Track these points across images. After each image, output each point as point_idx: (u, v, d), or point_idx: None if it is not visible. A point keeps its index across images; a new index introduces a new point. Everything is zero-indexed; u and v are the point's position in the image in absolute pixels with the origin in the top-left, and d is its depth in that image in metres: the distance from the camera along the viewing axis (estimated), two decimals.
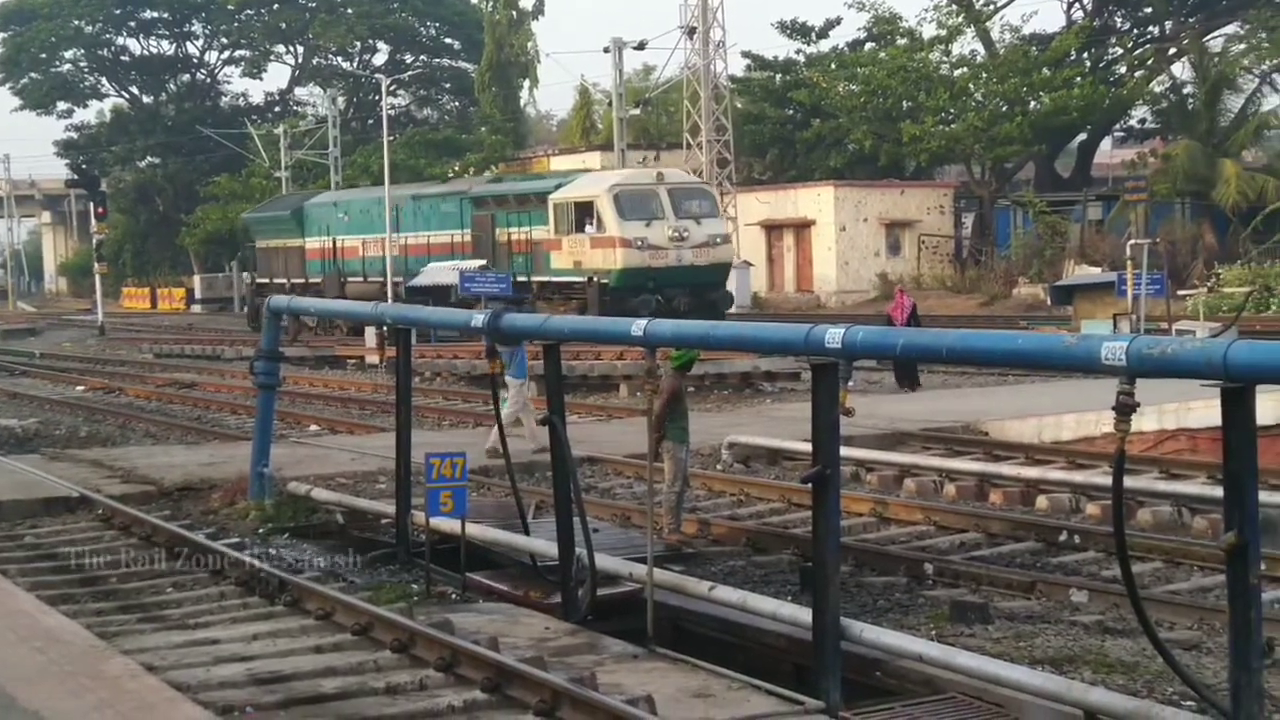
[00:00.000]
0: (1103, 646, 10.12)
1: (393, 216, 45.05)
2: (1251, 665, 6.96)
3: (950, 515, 15.07)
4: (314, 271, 49.82)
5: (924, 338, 8.80)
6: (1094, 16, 56.76)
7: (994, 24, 56.90)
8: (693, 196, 38.90)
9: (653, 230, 37.07)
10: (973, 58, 55.96)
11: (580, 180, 40.89)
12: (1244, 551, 6.94)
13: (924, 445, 19.41)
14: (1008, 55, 53.85)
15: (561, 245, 38.69)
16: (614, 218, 37.17)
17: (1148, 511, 15.12)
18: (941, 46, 55.04)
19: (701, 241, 37.66)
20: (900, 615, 11.14)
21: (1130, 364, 7.28)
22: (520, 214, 40.82)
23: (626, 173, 41.40)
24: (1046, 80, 51.65)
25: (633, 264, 36.81)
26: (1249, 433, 7.05)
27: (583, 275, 37.57)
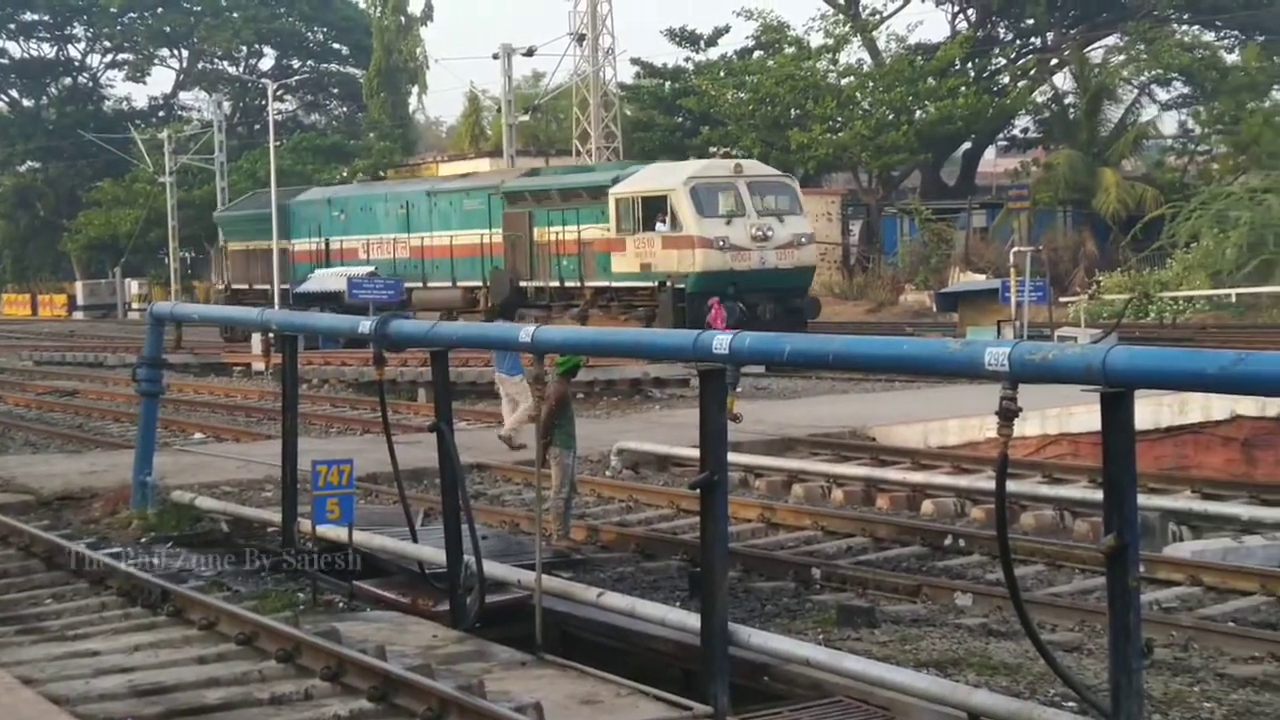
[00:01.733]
0: (987, 649, 10.23)
1: (402, 215, 42.07)
2: (1131, 666, 7.06)
3: (837, 520, 15.18)
4: (303, 275, 45.72)
5: (811, 344, 8.85)
6: (978, 27, 57.50)
7: (880, 34, 57.56)
8: (774, 191, 35.07)
9: (734, 229, 33.37)
10: (859, 67, 56.51)
11: (645, 173, 36.46)
12: (1123, 554, 7.04)
13: (812, 451, 19.54)
14: (894, 65, 54.42)
15: (625, 246, 34.58)
16: (692, 214, 33.24)
17: (1031, 515, 15.33)
18: (829, 55, 55.53)
19: (785, 241, 33.99)
20: (788, 620, 11.19)
21: (1012, 369, 7.36)
22: (566, 211, 36.75)
23: (701, 164, 36.65)
24: (932, 90, 52.25)
25: (713, 266, 33.03)
26: (1128, 437, 7.15)
27: (652, 279, 33.88)
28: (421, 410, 24.42)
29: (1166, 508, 14.71)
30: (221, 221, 52.71)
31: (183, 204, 67.13)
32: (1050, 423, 19.76)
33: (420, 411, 24.42)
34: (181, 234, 66.80)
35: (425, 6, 75.58)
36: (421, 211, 41.61)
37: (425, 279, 40.89)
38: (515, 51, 54.16)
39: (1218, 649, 10.09)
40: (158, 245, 72.52)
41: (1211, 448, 19.02)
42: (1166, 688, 9.23)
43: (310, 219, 45.99)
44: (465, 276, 39.83)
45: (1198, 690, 9.21)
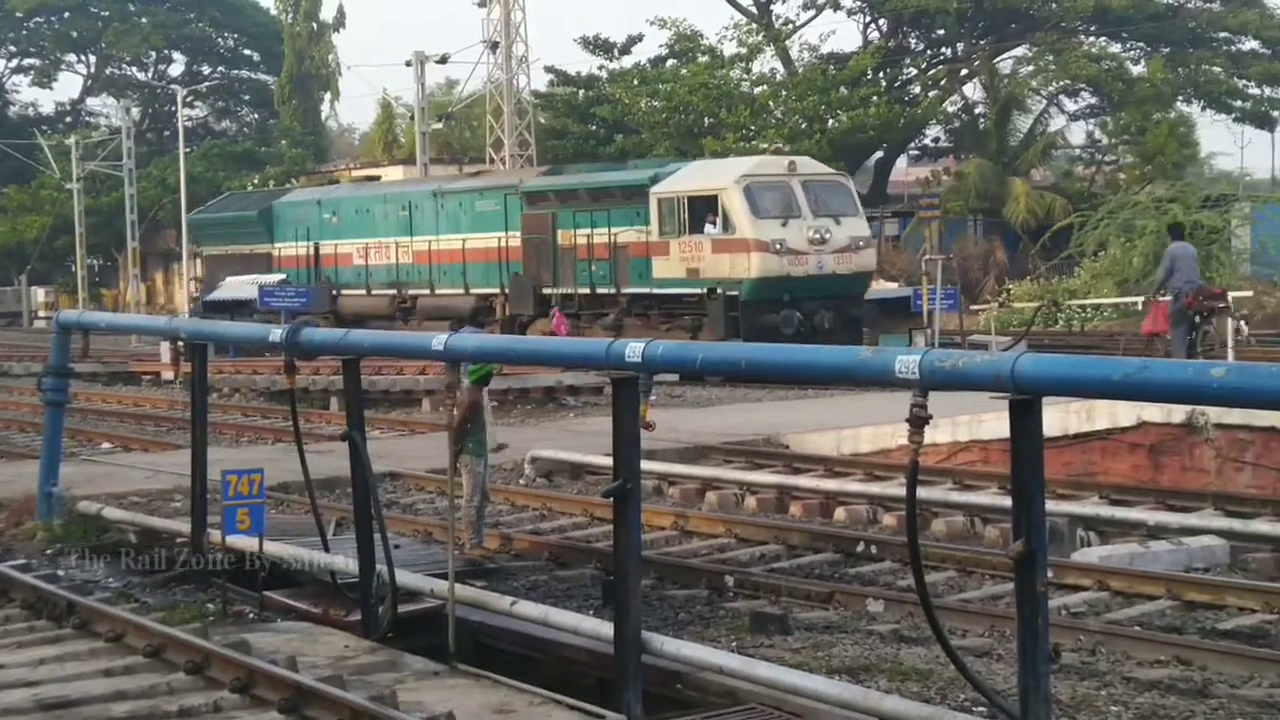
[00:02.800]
0: (898, 655, 10.30)
1: (404, 217, 39.35)
2: (1039, 670, 7.12)
3: (751, 528, 15.23)
4: None
5: (723, 352, 8.88)
6: (889, 37, 57.97)
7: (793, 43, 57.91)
8: (830, 190, 32.49)
9: (790, 231, 30.84)
10: (773, 76, 56.79)
11: (690, 170, 33.81)
12: (1032, 560, 7.10)
13: (725, 458, 19.59)
14: (806, 74, 54.76)
15: (669, 250, 31.86)
16: (747, 215, 30.59)
17: (942, 522, 15.46)
18: (742, 64, 55.76)
19: (843, 245, 31.39)
20: (701, 627, 11.21)
21: (923, 377, 7.41)
22: (596, 212, 33.90)
23: (753, 161, 33.84)
24: (844, 99, 52.62)
25: (770, 272, 30.62)
26: (1036, 444, 7.22)
27: (700, 286, 31.25)
28: (334, 419, 24.25)
29: (1075, 513, 14.86)
30: (196, 225, 50.02)
31: (90, 211, 66.30)
32: (961, 429, 19.93)
33: (333, 420, 24.25)
34: (89, 241, 65.98)
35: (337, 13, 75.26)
36: (427, 213, 38.94)
37: (433, 285, 38.42)
38: (428, 59, 53.96)
39: (1124, 653, 10.21)
40: (65, 253, 71.58)
41: (1118, 454, 19.26)
42: (1074, 691, 9.33)
43: (297, 221, 43.15)
44: (480, 283, 37.10)
45: (1105, 694, 9.32)
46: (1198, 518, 14.65)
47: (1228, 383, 6.31)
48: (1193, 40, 55.06)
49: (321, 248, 41.95)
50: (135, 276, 60.45)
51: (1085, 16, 53.40)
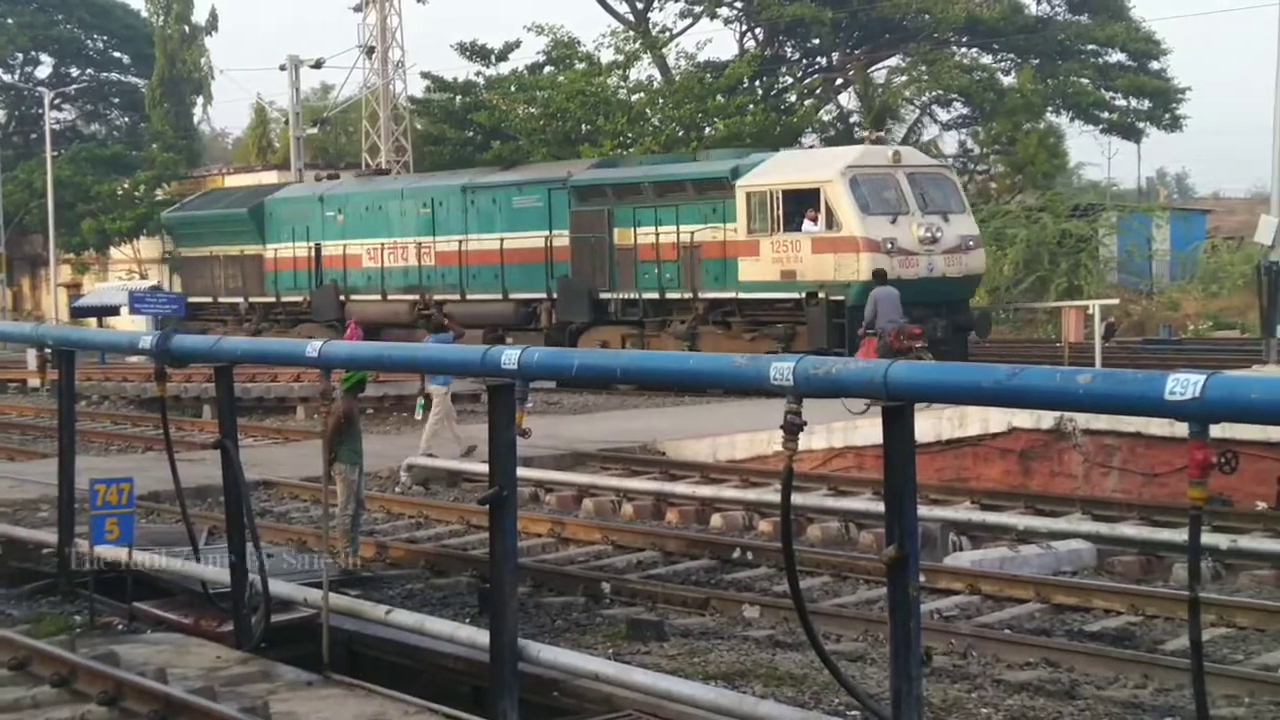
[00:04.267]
0: (773, 660, 10.36)
1: (426, 215, 35.71)
2: (911, 673, 7.20)
3: (628, 534, 15.26)
4: (285, 286, 39.10)
5: (599, 359, 8.89)
6: (765, 46, 58.33)
7: (670, 51, 58.01)
8: (936, 184, 29.50)
9: (899, 229, 27.80)
10: (650, 83, 56.90)
11: (781, 161, 30.45)
12: (904, 564, 7.18)
13: (602, 465, 19.62)
14: (683, 82, 54.91)
15: (759, 250, 28.55)
16: (854, 211, 27.52)
17: (817, 527, 15.59)
18: (619, 72, 55.80)
19: (953, 245, 28.43)
20: (578, 635, 11.21)
21: (797, 384, 7.46)
22: (662, 209, 30.47)
23: (856, 150, 30.09)
24: (721, 107, 52.82)
25: None
26: (908, 449, 7.30)
27: (797, 289, 27.99)
28: (207, 427, 23.94)
29: (947, 518, 15.07)
30: (172, 224, 45.56)
31: None
32: (836, 436, 20.11)
33: (205, 428, 23.94)
34: None
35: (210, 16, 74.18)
36: (453, 211, 35.13)
37: (464, 290, 34.48)
38: (303, 63, 53.49)
39: (995, 655, 10.36)
40: None
41: (990, 459, 19.53)
42: (946, 694, 9.45)
43: (294, 220, 39.26)
44: (520, 287, 33.31)
45: (976, 696, 9.44)
46: (1066, 522, 14.91)
47: (1093, 389, 6.42)
48: (1061, 52, 55.98)
49: (324, 248, 38.22)
50: (1, 282, 59.18)
51: (957, 28, 54.08)
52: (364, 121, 53.59)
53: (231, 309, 40.63)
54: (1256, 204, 58.83)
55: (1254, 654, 10.38)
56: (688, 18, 57.56)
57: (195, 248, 42.65)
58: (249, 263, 40.13)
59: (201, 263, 42.04)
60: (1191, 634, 6.19)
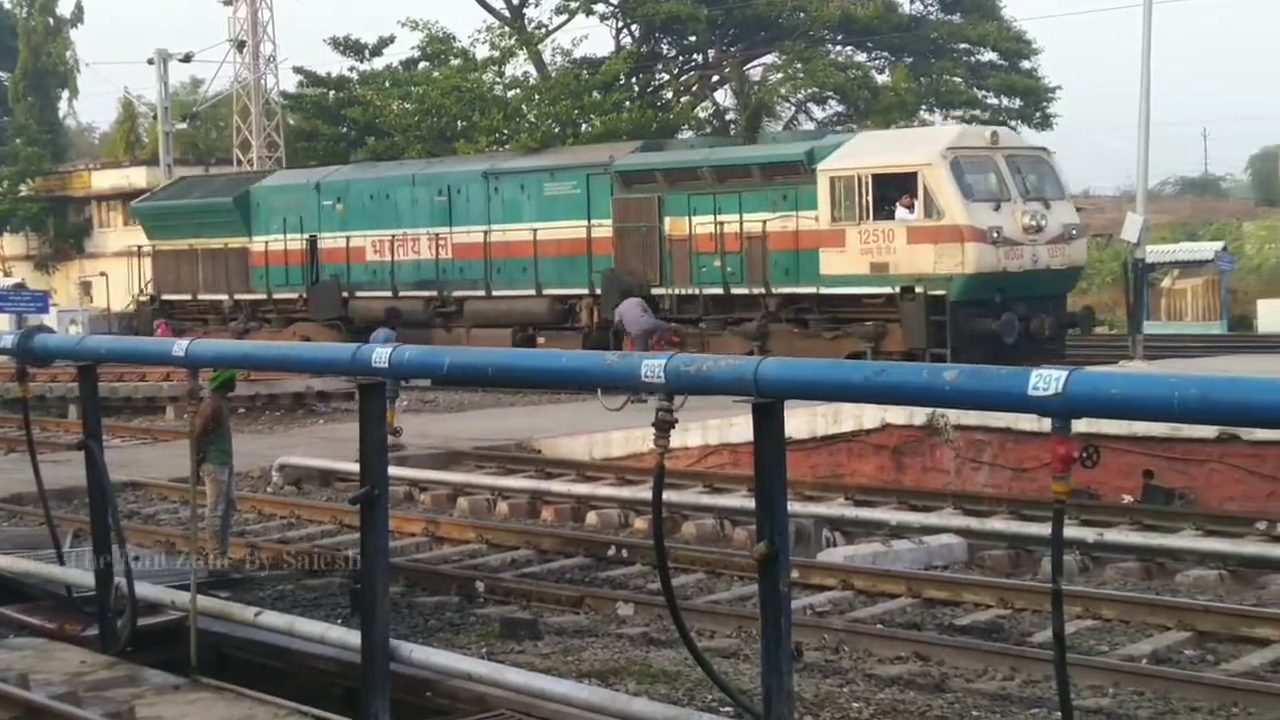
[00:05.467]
0: (648, 657, 10.37)
1: (443, 204, 32.82)
2: (782, 669, 7.22)
3: (502, 533, 15.22)
4: (277, 282, 36.05)
5: (471, 357, 8.83)
6: (641, 43, 58.39)
7: (546, 47, 57.86)
8: (1035, 168, 27.04)
9: (1002, 216, 25.51)
10: (526, 80, 56.75)
11: (865, 142, 27.93)
12: (774, 560, 7.19)
13: (478, 464, 19.56)
14: (559, 78, 54.82)
15: (844, 240, 26.13)
16: (957, 197, 25.21)
17: (692, 525, 15.65)
18: (495, 68, 55.60)
19: (1056, 234, 26.18)
20: (451, 634, 11.15)
21: (668, 381, 7.45)
22: (726, 195, 27.87)
23: (954, 131, 27.76)
24: (597, 104, 52.78)
25: (986, 267, 25.24)
26: (778, 446, 7.31)
27: (890, 284, 25.64)
28: (72, 427, 23.50)
29: (821, 514, 15.19)
30: (143, 214, 41.59)
31: None
32: (712, 433, 20.17)
33: (71, 429, 23.49)
34: None
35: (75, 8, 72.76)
36: (475, 199, 32.32)
37: (488, 285, 31.83)
38: (172, 57, 52.72)
39: (866, 650, 10.45)
40: None
41: (864, 455, 19.68)
42: (818, 689, 9.51)
43: (285, 210, 36.11)
44: (556, 282, 30.76)
45: (847, 690, 9.51)
46: (938, 517, 15.10)
47: (959, 385, 6.47)
48: (934, 51, 56.57)
49: (321, 241, 35.27)
50: None
51: (832, 26, 54.45)
52: (235, 117, 52.91)
53: (213, 307, 37.81)
54: (1125, 202, 59.87)
55: (1119, 645, 10.57)
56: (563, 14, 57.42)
57: (170, 240, 39.15)
58: (233, 256, 37.10)
59: (177, 256, 38.82)
60: (1055, 626, 6.26)
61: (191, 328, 36.60)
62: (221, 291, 37.29)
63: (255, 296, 36.72)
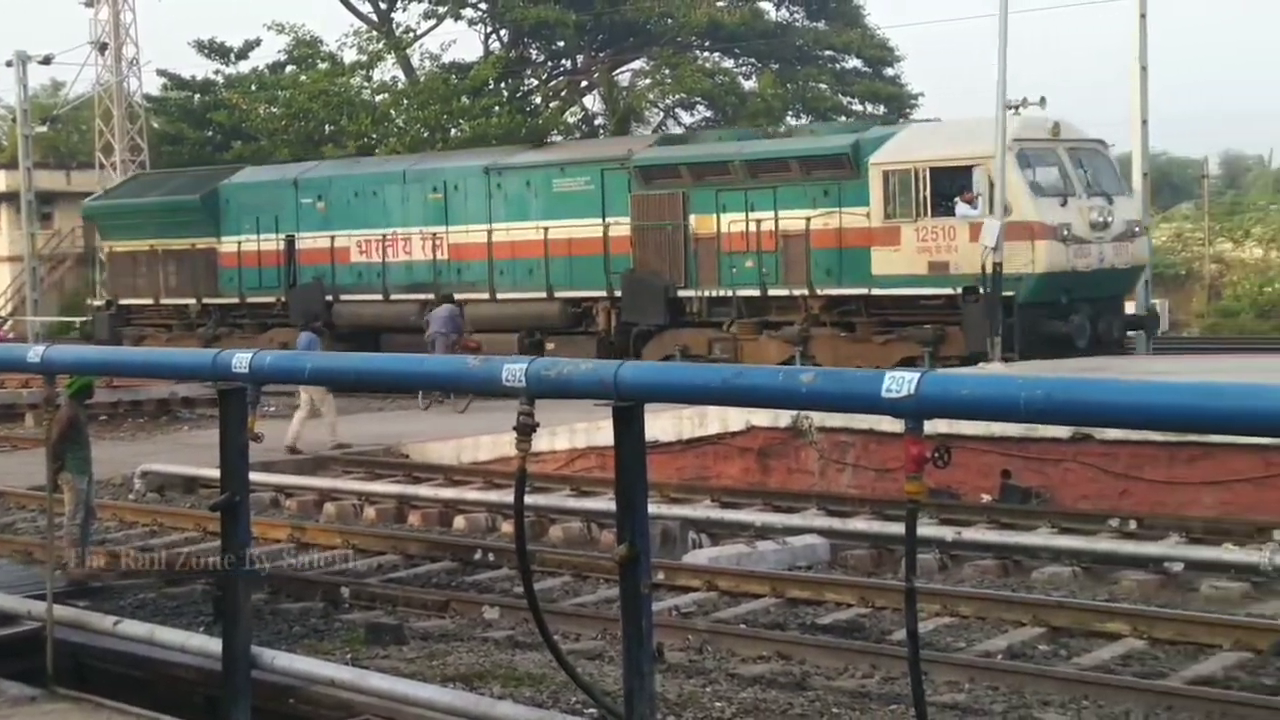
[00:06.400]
0: (513, 660, 10.40)
1: (438, 201, 31.10)
2: (644, 670, 7.28)
3: (369, 538, 15.16)
4: (250, 285, 33.92)
5: (332, 361, 8.81)
6: (510, 48, 58.35)
7: (414, 51, 57.65)
8: (1095, 161, 25.89)
9: (1070, 212, 24.39)
10: (394, 84, 56.48)
11: (922, 132, 26.62)
12: (635, 562, 7.25)
13: (345, 469, 19.47)
14: (428, 83, 54.63)
15: (899, 238, 24.76)
16: (1026, 192, 24.15)
17: (559, 528, 15.71)
18: (363, 72, 55.30)
19: (1121, 232, 25.11)
20: (316, 640, 11.10)
21: (529, 385, 7.49)
22: (759, 190, 26.42)
23: (1016, 121, 25.11)
24: (466, 108, 52.69)
25: (1057, 266, 24.16)
26: (639, 449, 7.37)
27: (950, 284, 24.34)
28: None
29: (687, 516, 15.33)
30: (98, 214, 39.31)
31: None
32: (579, 437, 20.24)
33: None
34: None
35: None
36: (474, 196, 30.53)
37: (493, 288, 30.06)
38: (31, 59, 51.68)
39: (730, 650, 10.56)
40: None
41: (729, 458, 19.87)
42: (682, 689, 9.60)
43: (259, 208, 33.99)
44: (568, 283, 29.15)
45: (710, 690, 9.61)
46: (801, 518, 15.29)
47: (815, 388, 6.58)
48: (800, 58, 57.15)
49: (300, 241, 33.23)
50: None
51: (699, 32, 54.81)
52: (97, 120, 52.05)
53: (178, 312, 35.73)
54: None
55: (975, 641, 10.78)
56: (432, 19, 57.27)
57: (128, 241, 36.79)
58: (200, 258, 34.94)
59: (136, 258, 36.45)
60: (908, 624, 6.37)
61: (154, 334, 35.02)
62: (187, 295, 35.21)
63: (226, 300, 34.65)
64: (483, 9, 56.96)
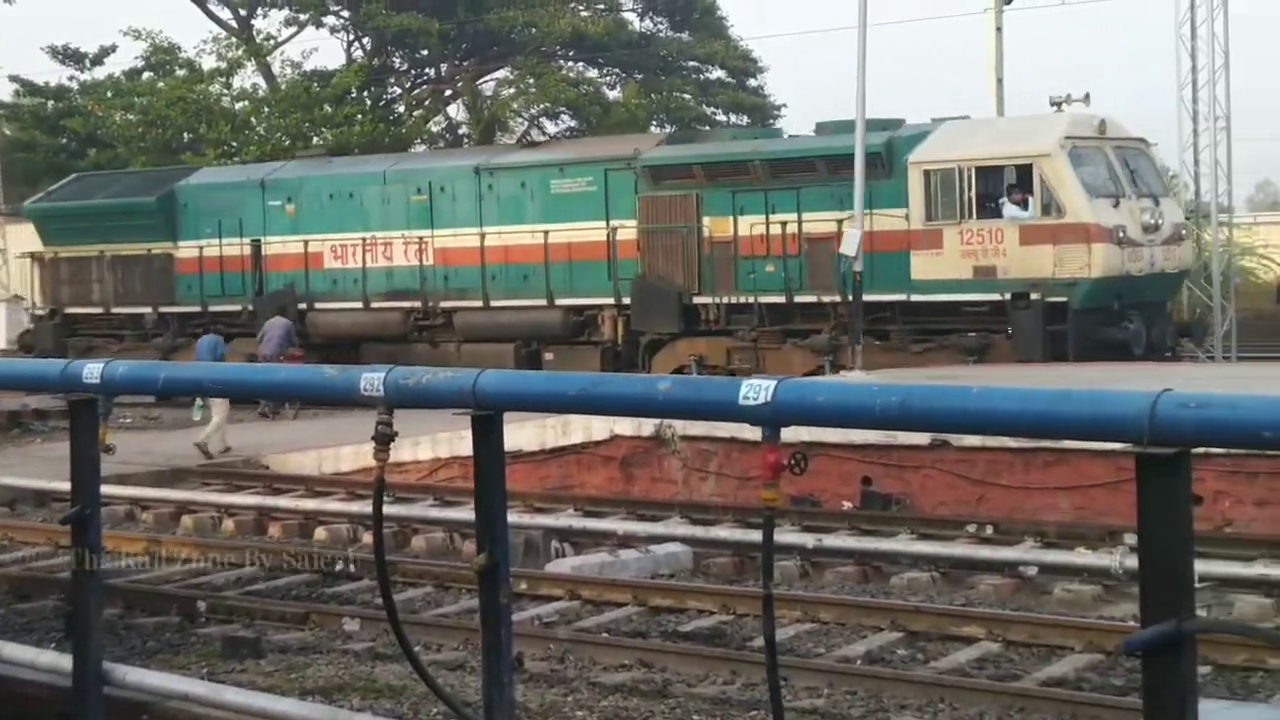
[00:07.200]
0: (373, 672, 10.31)
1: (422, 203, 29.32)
2: (503, 679, 7.25)
3: (227, 550, 14.96)
4: (211, 293, 31.82)
5: (186, 372, 8.68)
6: (373, 56, 57.96)
7: (275, 59, 57.05)
8: (1140, 161, 24.85)
9: (1122, 214, 23.35)
10: (255, 91, 55.85)
11: (962, 131, 24.96)
12: (494, 572, 7.23)
13: (203, 481, 19.23)
14: (289, 90, 54.10)
15: (942, 241, 23.57)
16: (1081, 192, 22.98)
17: (422, 538, 15.64)
18: (222, 79, 54.62)
19: (1169, 235, 24.21)
20: (171, 655, 10.93)
21: (387, 394, 7.43)
22: (780, 191, 25.16)
23: (1065, 118, 24.46)
24: (328, 116, 52.27)
25: (1113, 270, 23.00)
26: (498, 458, 7.35)
27: (998, 290, 23.19)
28: None
29: (550, 526, 15.32)
30: (39, 216, 36.05)
31: None
32: (442, 446, 20.14)
33: None
34: None
35: None
36: (464, 198, 28.87)
37: (487, 295, 28.47)
38: None
39: (591, 658, 10.56)
40: None
41: (593, 467, 19.87)
42: (543, 698, 9.58)
43: (221, 211, 31.83)
44: (570, 290, 27.61)
45: (572, 699, 9.60)
46: (664, 526, 15.34)
47: (673, 395, 6.59)
48: (664, 68, 57.38)
49: (267, 246, 31.25)
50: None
51: (563, 42, 54.81)
52: None
53: (132, 321, 33.20)
54: None
55: (835, 647, 10.87)
56: (293, 26, 56.69)
57: (75, 246, 34.07)
58: (155, 264, 32.73)
59: (84, 264, 33.97)
60: (765, 630, 6.41)
61: (103, 345, 32.85)
62: (141, 304, 32.91)
63: (186, 309, 32.37)
64: (345, 17, 56.52)
